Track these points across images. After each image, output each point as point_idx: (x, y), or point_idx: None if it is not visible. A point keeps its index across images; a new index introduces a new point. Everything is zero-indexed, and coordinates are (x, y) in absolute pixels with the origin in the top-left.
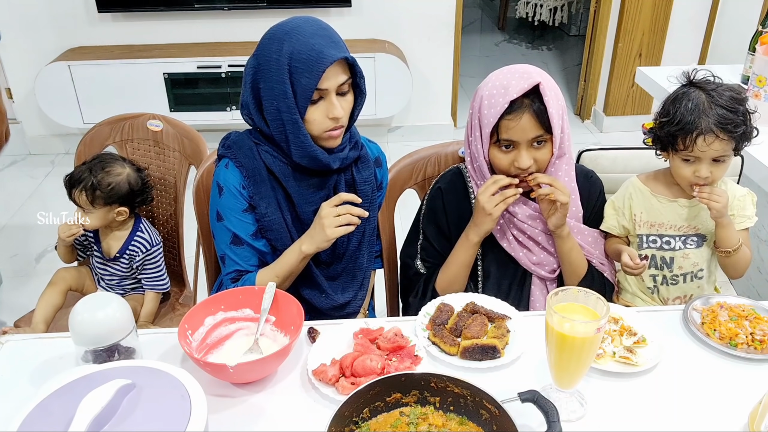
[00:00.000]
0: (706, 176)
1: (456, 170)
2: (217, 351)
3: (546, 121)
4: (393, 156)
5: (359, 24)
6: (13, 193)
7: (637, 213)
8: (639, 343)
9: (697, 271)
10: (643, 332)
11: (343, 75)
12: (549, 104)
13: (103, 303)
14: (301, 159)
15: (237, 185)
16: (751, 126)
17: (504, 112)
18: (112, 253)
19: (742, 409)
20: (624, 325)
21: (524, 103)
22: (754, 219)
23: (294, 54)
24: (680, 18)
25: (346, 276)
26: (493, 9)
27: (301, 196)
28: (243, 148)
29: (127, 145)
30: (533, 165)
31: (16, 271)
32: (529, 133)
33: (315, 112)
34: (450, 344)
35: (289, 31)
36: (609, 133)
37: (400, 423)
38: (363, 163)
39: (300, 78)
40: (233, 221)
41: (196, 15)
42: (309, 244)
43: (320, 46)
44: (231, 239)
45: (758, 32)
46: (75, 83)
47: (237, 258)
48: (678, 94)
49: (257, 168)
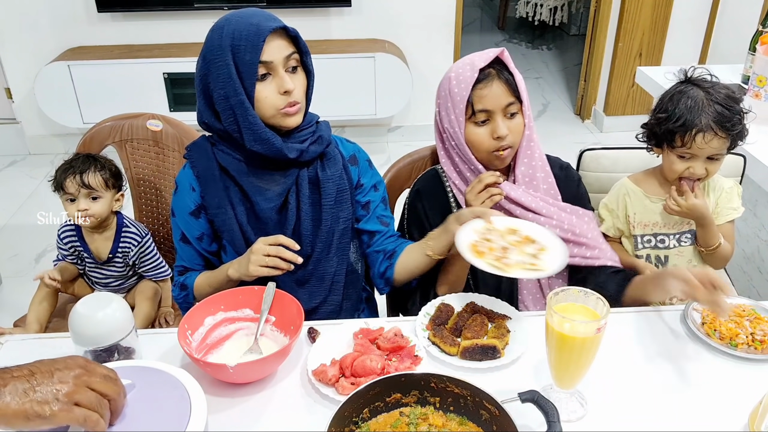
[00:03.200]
0: (701, 174)
1: (433, 171)
2: (217, 351)
3: (515, 89)
4: (393, 156)
5: (359, 24)
6: (13, 193)
7: (631, 214)
8: (541, 250)
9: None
10: (541, 240)
11: (287, 48)
12: (514, 71)
13: (103, 303)
14: (253, 144)
15: (188, 185)
16: (744, 125)
17: (475, 83)
18: (103, 255)
19: (742, 409)
20: (523, 235)
21: (492, 71)
22: (740, 210)
23: (234, 33)
24: (680, 18)
25: (315, 281)
26: (493, 9)
27: (258, 192)
28: (200, 149)
29: (127, 144)
30: (509, 136)
31: (16, 271)
32: (503, 100)
33: (265, 90)
34: (450, 344)
35: (228, 17)
36: (609, 133)
37: (400, 423)
38: (329, 160)
39: (243, 55)
40: (181, 220)
41: (196, 15)
42: (235, 270)
43: (258, 20)
44: (180, 236)
45: (758, 32)
46: (75, 83)
47: (183, 254)
48: (675, 91)
49: (209, 167)
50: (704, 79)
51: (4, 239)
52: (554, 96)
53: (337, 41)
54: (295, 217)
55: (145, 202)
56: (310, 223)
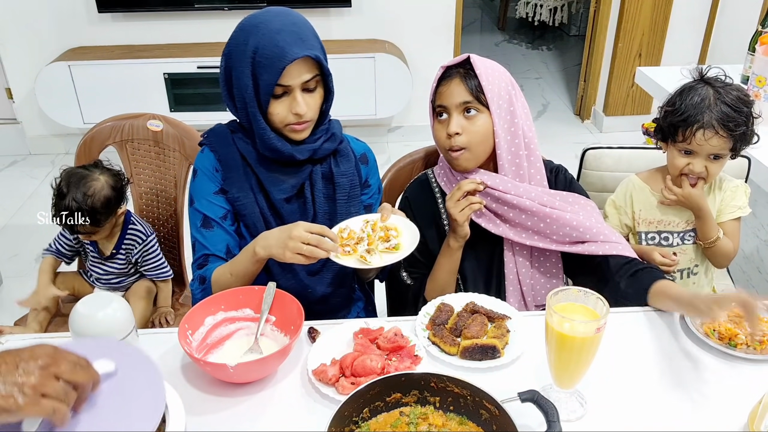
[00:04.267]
0: (699, 171)
1: (423, 177)
2: (217, 351)
3: (476, 91)
4: (393, 156)
5: (359, 24)
6: (13, 193)
7: (637, 211)
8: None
9: (693, 266)
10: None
11: (307, 73)
12: (481, 77)
13: (103, 303)
14: (263, 150)
15: (210, 167)
16: (753, 129)
17: (439, 81)
18: (107, 250)
19: (742, 409)
20: (388, 233)
21: (457, 72)
22: (747, 210)
23: (258, 49)
24: (680, 18)
25: (326, 270)
26: (493, 9)
27: (272, 183)
28: (219, 135)
29: (127, 145)
30: (463, 135)
31: (17, 271)
32: (456, 97)
33: (278, 106)
34: (450, 344)
35: (256, 24)
36: (609, 133)
37: (400, 423)
38: (342, 156)
39: (262, 73)
40: (203, 203)
41: (196, 15)
42: (263, 248)
43: (284, 43)
44: (201, 221)
45: (758, 32)
46: (75, 83)
47: (205, 242)
48: (686, 87)
49: (230, 153)
50: (718, 78)
51: (4, 239)
52: (554, 96)
53: (337, 41)
54: (312, 210)
55: (145, 203)
56: (325, 217)
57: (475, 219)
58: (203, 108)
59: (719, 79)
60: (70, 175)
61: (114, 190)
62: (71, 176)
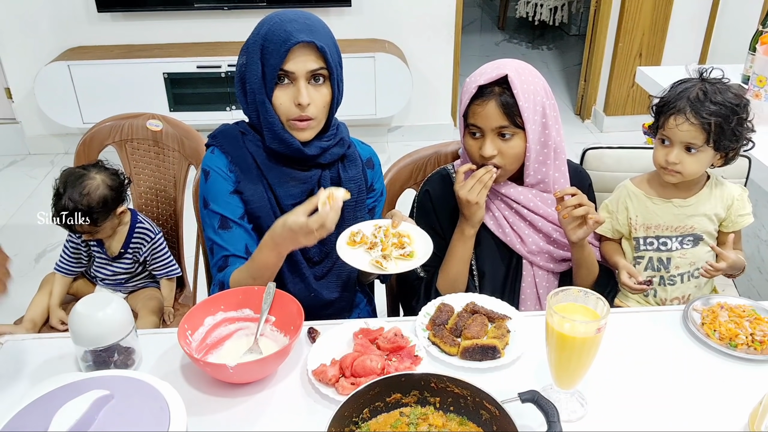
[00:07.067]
0: (673, 161)
1: (443, 171)
2: (217, 351)
3: (512, 114)
4: (393, 156)
5: (359, 24)
6: (13, 193)
7: (632, 217)
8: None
9: (694, 270)
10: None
11: (313, 63)
12: (518, 97)
13: (103, 303)
14: (272, 143)
15: (224, 168)
16: (739, 130)
17: (473, 98)
18: (115, 250)
19: (742, 409)
20: (402, 240)
21: (494, 91)
22: (751, 216)
23: (268, 35)
24: (680, 18)
25: (333, 275)
26: (493, 9)
27: (282, 188)
28: (229, 137)
29: (127, 144)
30: (498, 157)
31: (16, 271)
32: (493, 122)
33: (282, 96)
34: (450, 344)
35: (272, 16)
36: (609, 133)
37: (400, 423)
38: (350, 161)
39: (269, 57)
40: (220, 203)
41: (196, 15)
42: (281, 245)
43: (292, 29)
44: (219, 223)
45: (758, 32)
46: (74, 83)
47: (224, 243)
48: (681, 81)
49: (242, 155)
50: (716, 78)
51: (4, 239)
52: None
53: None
54: None
55: (145, 202)
56: None
57: (493, 231)
58: (203, 108)
59: (716, 78)
60: (68, 175)
61: (111, 189)
62: (69, 176)
